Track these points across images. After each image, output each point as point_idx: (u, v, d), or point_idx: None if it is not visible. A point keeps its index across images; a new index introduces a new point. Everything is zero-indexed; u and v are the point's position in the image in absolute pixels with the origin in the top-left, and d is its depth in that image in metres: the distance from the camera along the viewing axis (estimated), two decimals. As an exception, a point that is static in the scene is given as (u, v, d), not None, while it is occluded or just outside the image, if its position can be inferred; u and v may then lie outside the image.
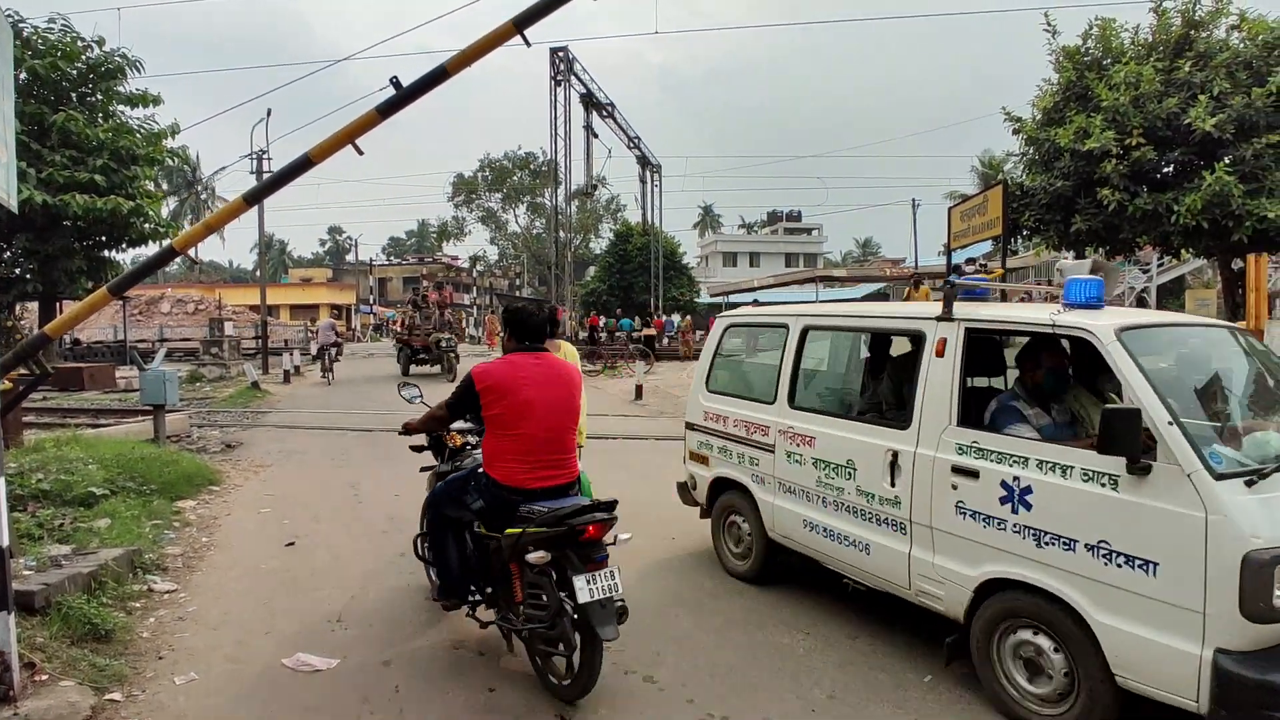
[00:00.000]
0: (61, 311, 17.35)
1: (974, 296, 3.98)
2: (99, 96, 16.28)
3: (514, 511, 3.39)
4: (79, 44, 15.45)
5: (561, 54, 24.23)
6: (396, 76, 4.01)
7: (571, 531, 3.22)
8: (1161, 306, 21.84)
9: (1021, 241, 16.20)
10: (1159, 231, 11.61)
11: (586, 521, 3.22)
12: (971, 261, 15.68)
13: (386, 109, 4.06)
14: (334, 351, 20.55)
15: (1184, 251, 13.11)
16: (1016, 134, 13.29)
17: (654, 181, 32.24)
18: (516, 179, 51.91)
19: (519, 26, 4.01)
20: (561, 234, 29.82)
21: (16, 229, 15.16)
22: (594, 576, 3.16)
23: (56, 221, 15.27)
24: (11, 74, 3.41)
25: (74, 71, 15.62)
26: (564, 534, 3.22)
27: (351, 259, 64.51)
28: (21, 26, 14.66)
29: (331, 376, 19.09)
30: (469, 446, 4.30)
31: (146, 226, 16.92)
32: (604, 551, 3.31)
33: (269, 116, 21.97)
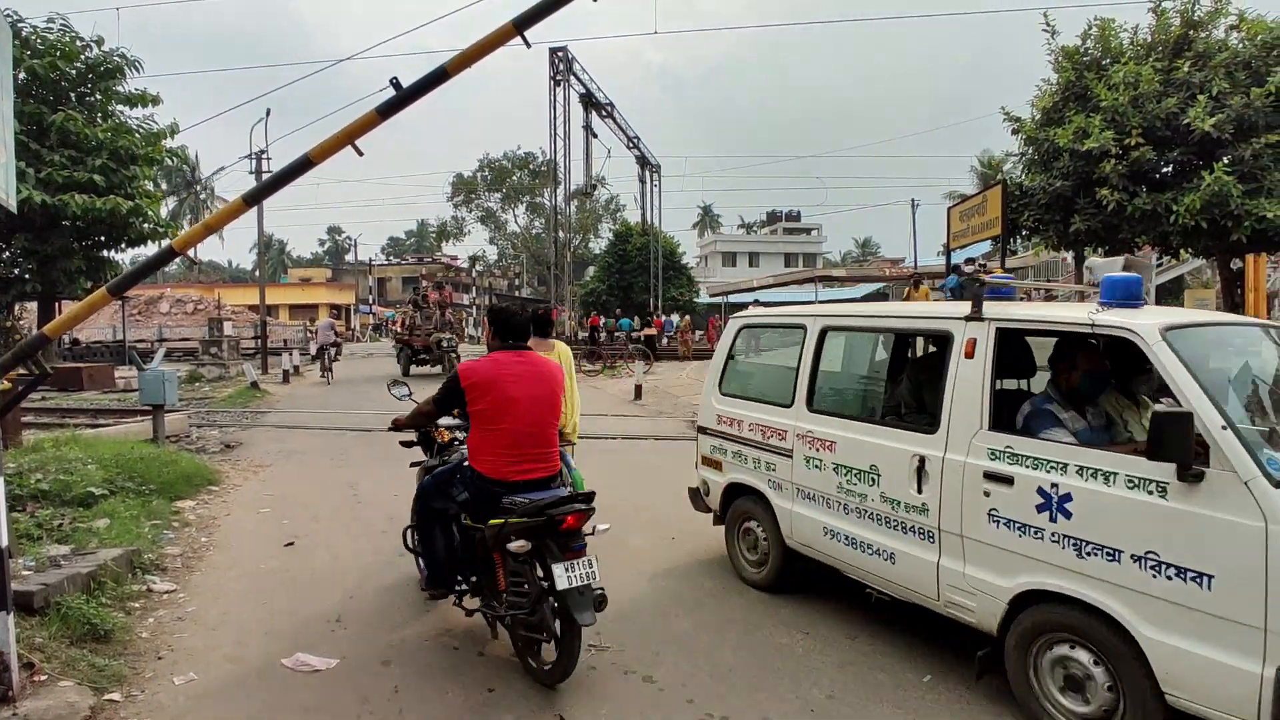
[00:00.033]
0: (60, 312, 17.35)
1: (999, 296, 3.90)
2: (98, 96, 16.28)
3: (497, 503, 3.51)
4: (78, 44, 15.44)
5: (561, 54, 24.24)
6: (396, 77, 4.00)
7: (551, 522, 3.36)
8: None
9: (1020, 241, 16.21)
10: (1158, 231, 11.62)
11: (565, 512, 3.37)
12: (971, 261, 15.68)
13: (386, 110, 4.05)
14: (333, 351, 20.56)
15: (1183, 251, 13.11)
16: (1016, 134, 13.30)
17: (653, 181, 32.26)
18: (516, 179, 51.92)
19: (519, 27, 4.01)
20: (561, 234, 29.82)
21: (15, 229, 15.15)
22: (572, 565, 3.31)
23: (55, 221, 15.26)
24: (10, 74, 3.40)
25: (73, 71, 15.62)
26: (544, 524, 3.36)
27: (351, 259, 64.49)
28: (20, 26, 14.65)
29: (331, 376, 19.09)
30: (456, 442, 4.44)
31: (146, 226, 16.91)
32: (582, 541, 3.45)
33: (268, 116, 21.96)
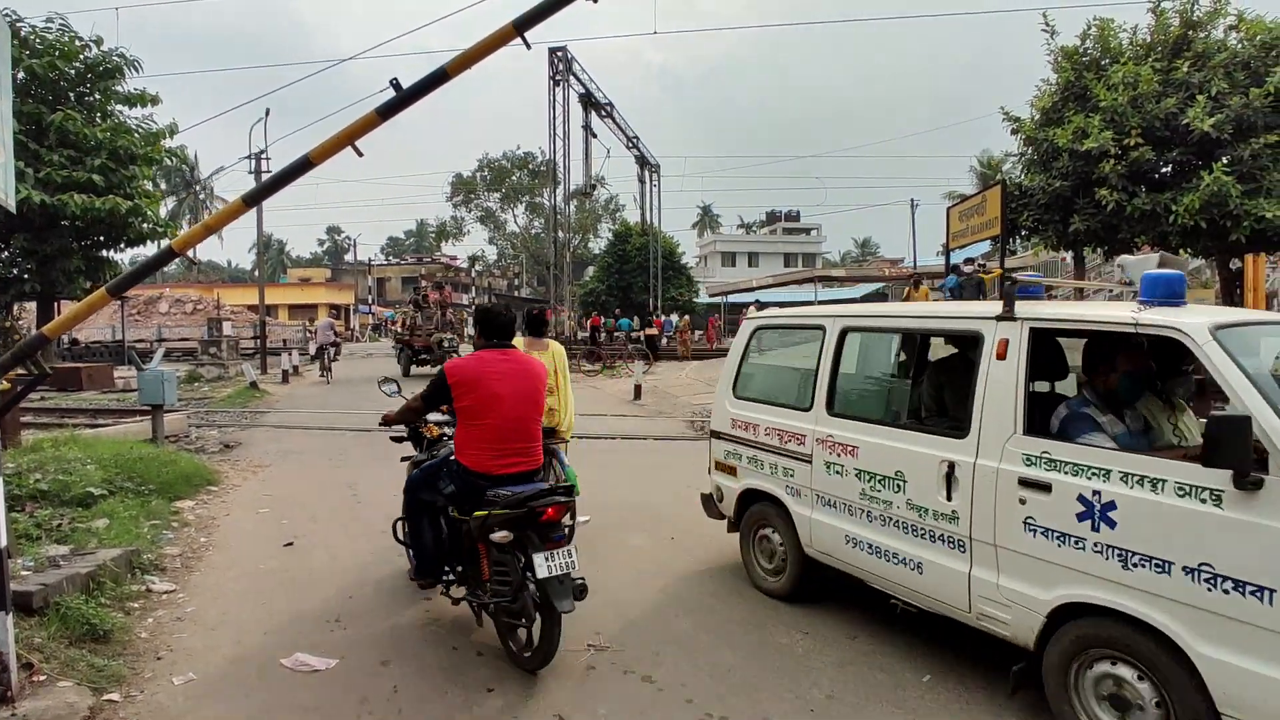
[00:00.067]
0: (60, 311, 17.35)
1: (1027, 295, 3.82)
2: (97, 96, 16.28)
3: (482, 495, 3.64)
4: (77, 43, 15.44)
5: (560, 54, 24.23)
6: (396, 78, 4.01)
7: (532, 513, 3.50)
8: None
9: (1020, 242, 16.22)
10: (1157, 231, 11.63)
11: (546, 503, 3.51)
12: (970, 261, 15.70)
13: (386, 111, 4.05)
14: (332, 351, 20.55)
15: (1182, 251, 13.13)
16: (1015, 134, 13.31)
17: (652, 181, 32.26)
18: (515, 179, 51.88)
19: (519, 29, 4.01)
20: (560, 234, 29.80)
21: (14, 229, 15.15)
22: (552, 554, 3.45)
23: (54, 221, 15.26)
24: (9, 73, 3.40)
25: (72, 71, 15.62)
26: (525, 515, 3.49)
27: (350, 259, 64.52)
28: (19, 25, 14.65)
29: (330, 376, 19.08)
30: (445, 437, 4.54)
31: (145, 226, 16.91)
32: (562, 531, 3.59)
33: (267, 116, 21.96)
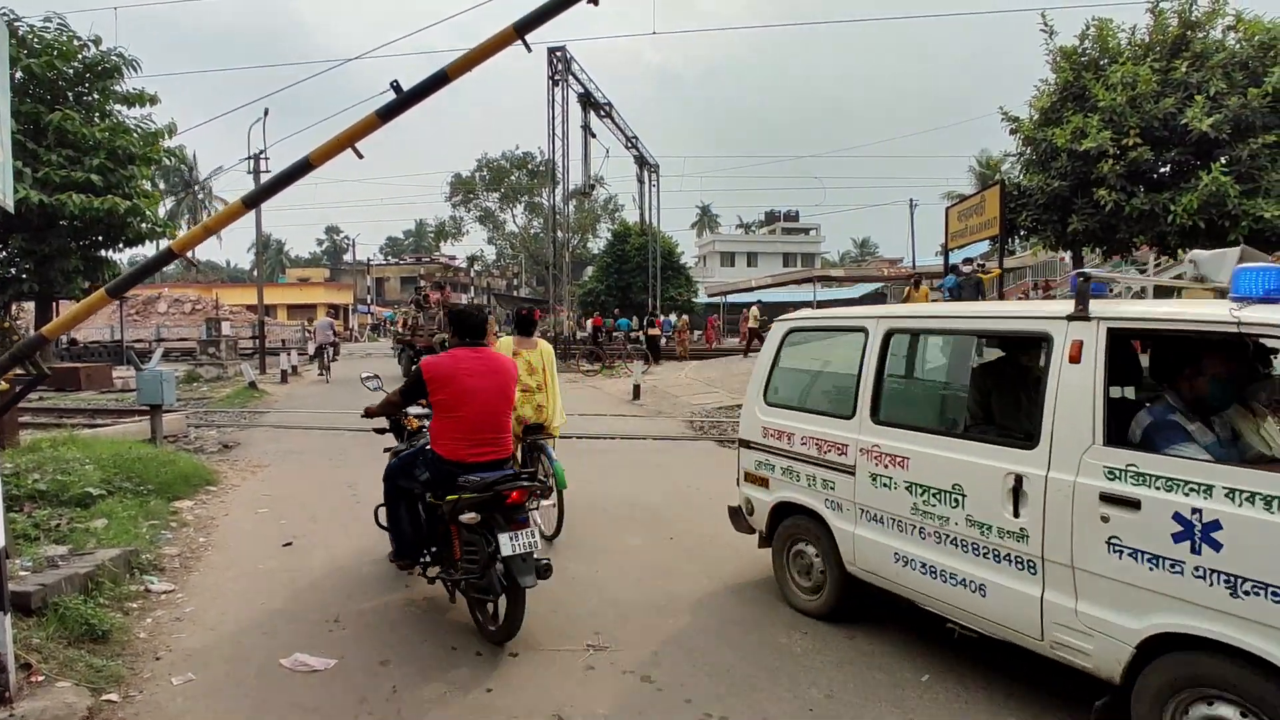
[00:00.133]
0: (58, 311, 17.34)
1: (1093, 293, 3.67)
2: (95, 96, 16.27)
3: (455, 481, 3.94)
4: (75, 43, 15.42)
5: (559, 54, 24.20)
6: (397, 80, 4.02)
7: (498, 496, 3.80)
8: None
9: (1018, 242, 16.24)
10: (1155, 232, 11.65)
11: (511, 487, 3.81)
12: (969, 261, 15.73)
13: (387, 113, 4.06)
14: (331, 351, 20.55)
15: (1181, 251, 13.14)
16: (1014, 134, 13.32)
17: (651, 181, 32.22)
18: (514, 179, 51.86)
19: (520, 31, 4.01)
20: (559, 234, 29.77)
21: (13, 229, 15.14)
22: (516, 534, 3.74)
23: (53, 221, 15.25)
24: (7, 73, 3.40)
25: (70, 70, 15.60)
26: (492, 499, 3.80)
27: (349, 259, 64.47)
28: (17, 25, 14.63)
29: (329, 376, 19.07)
30: (424, 429, 4.76)
31: (144, 226, 16.90)
32: (525, 514, 3.90)
33: (266, 116, 21.92)
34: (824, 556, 4.19)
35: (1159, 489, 2.68)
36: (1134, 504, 2.73)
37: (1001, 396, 3.71)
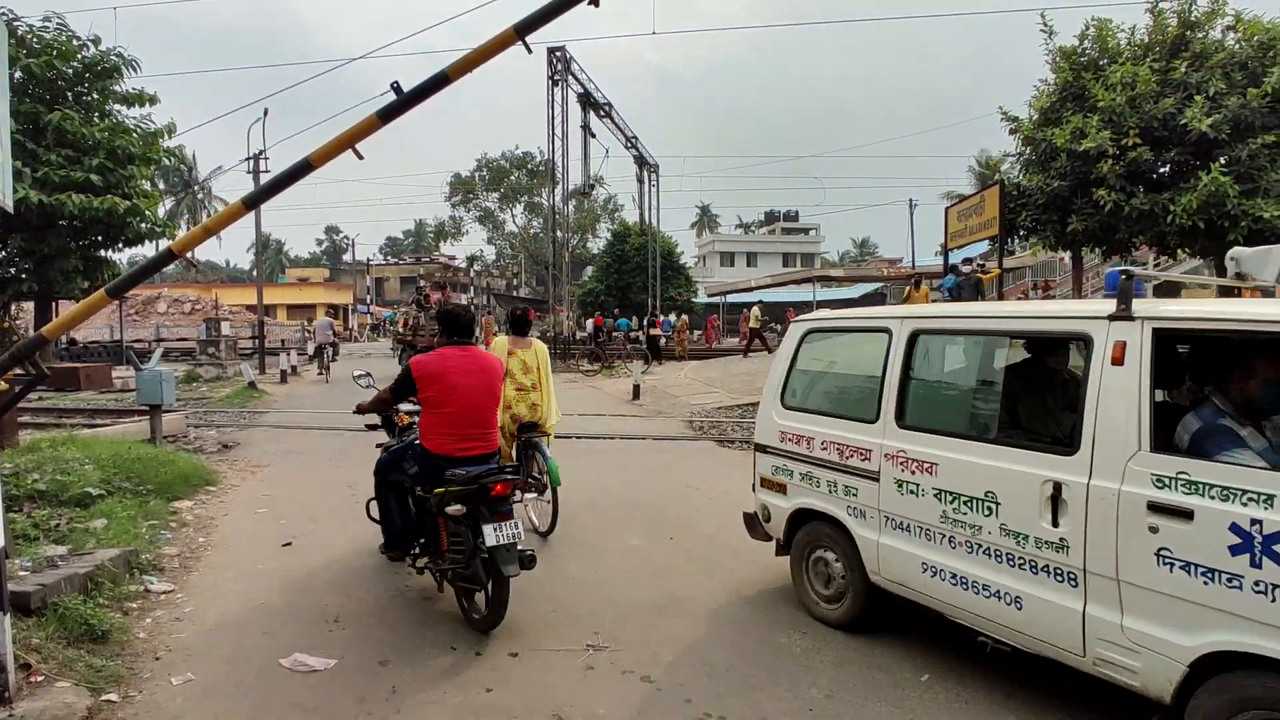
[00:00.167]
0: (58, 311, 17.34)
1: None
2: (95, 95, 16.27)
3: (442, 475, 4.08)
4: (75, 43, 15.42)
5: (559, 54, 24.19)
6: (397, 82, 4.03)
7: (483, 489, 3.94)
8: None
9: (1018, 242, 16.25)
10: (1155, 232, 11.67)
11: (495, 480, 3.97)
12: (968, 261, 15.74)
13: (387, 114, 4.07)
14: (330, 351, 20.54)
15: (1180, 251, 13.16)
16: (1014, 134, 13.34)
17: (651, 181, 32.22)
18: (514, 179, 51.86)
19: (520, 33, 4.02)
20: (559, 234, 29.77)
21: (12, 229, 15.15)
22: (500, 526, 3.88)
23: (52, 221, 15.25)
24: (6, 73, 3.40)
25: (70, 70, 15.60)
26: (476, 491, 3.94)
27: (348, 259, 64.46)
28: (16, 25, 14.63)
29: (328, 376, 19.07)
30: (414, 425, 4.85)
31: (143, 226, 16.90)
32: (509, 506, 4.05)
33: (266, 117, 21.90)
34: (846, 565, 4.05)
35: (1214, 498, 2.53)
36: (1186, 514, 2.58)
37: (1028, 400, 3.60)
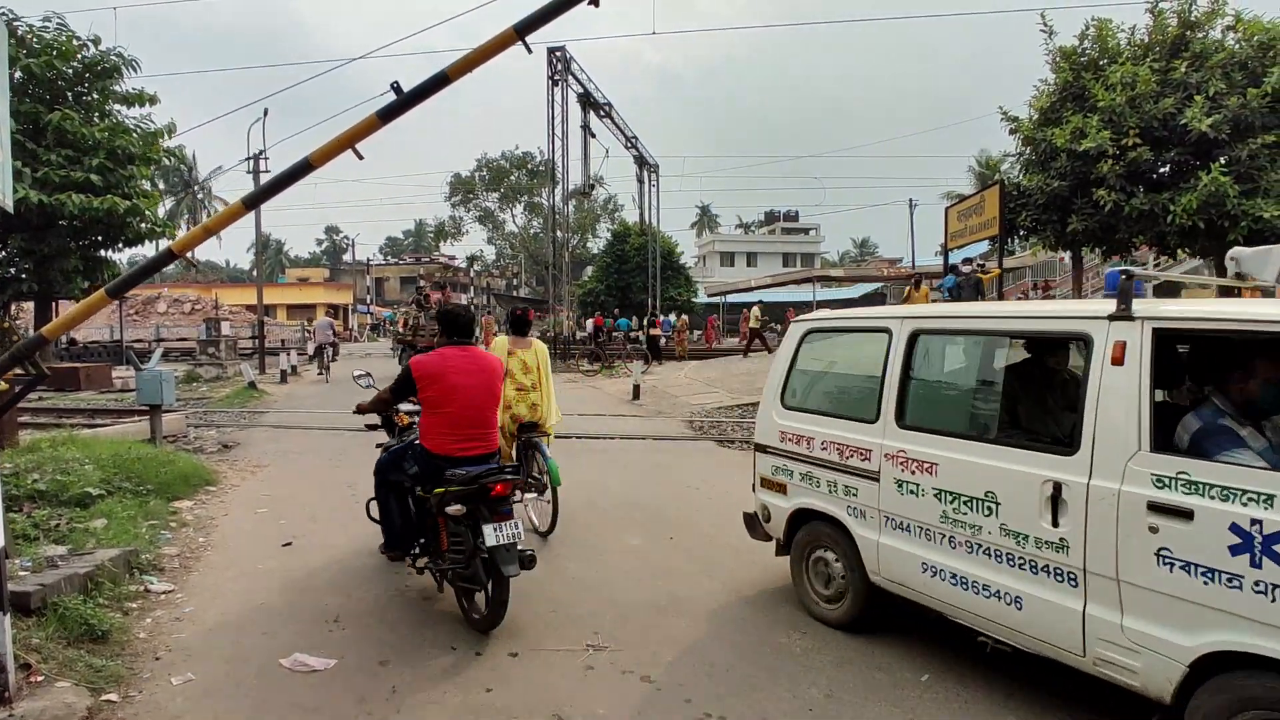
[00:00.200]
0: (58, 311, 17.34)
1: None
2: (95, 95, 16.27)
3: (442, 475, 4.07)
4: (75, 43, 15.42)
5: (559, 54, 24.19)
6: (397, 82, 4.04)
7: (483, 489, 3.94)
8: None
9: (1018, 242, 16.25)
10: (1155, 232, 11.67)
11: (494, 481, 3.96)
12: (968, 261, 15.74)
13: (387, 114, 4.07)
14: (330, 351, 20.54)
15: (1180, 251, 13.16)
16: (1014, 134, 13.34)
17: (651, 181, 32.22)
18: (514, 179, 51.87)
19: (520, 33, 4.02)
20: (559, 234, 29.77)
21: (12, 229, 15.15)
22: (500, 526, 3.87)
23: (52, 221, 15.25)
24: (6, 73, 3.40)
25: (70, 70, 15.60)
26: (476, 491, 3.94)
27: (348, 259, 64.46)
28: (16, 25, 14.63)
29: (328, 376, 19.06)
30: (414, 425, 4.85)
31: (143, 226, 16.90)
32: (509, 506, 4.04)
33: (266, 116, 21.89)
34: (846, 565, 4.05)
35: (1214, 498, 2.54)
36: (1186, 514, 2.59)
37: (1028, 400, 3.60)
